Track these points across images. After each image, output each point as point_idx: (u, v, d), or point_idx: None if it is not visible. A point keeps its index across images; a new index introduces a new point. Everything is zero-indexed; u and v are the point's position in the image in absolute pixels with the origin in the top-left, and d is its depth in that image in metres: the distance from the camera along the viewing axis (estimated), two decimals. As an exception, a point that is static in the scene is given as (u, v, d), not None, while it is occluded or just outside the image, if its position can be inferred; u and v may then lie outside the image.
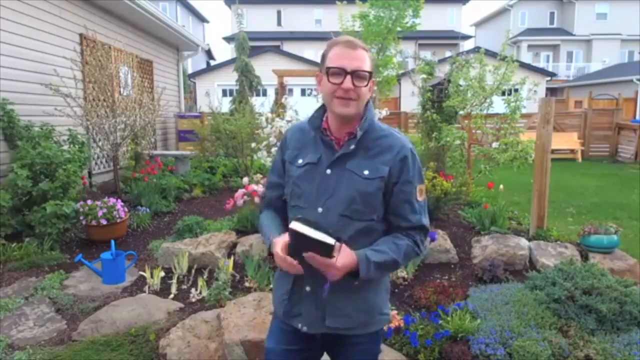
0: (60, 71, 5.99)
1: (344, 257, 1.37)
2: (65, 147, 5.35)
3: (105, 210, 4.73)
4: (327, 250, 1.31)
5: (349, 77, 1.42)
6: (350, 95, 1.43)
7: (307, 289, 1.52)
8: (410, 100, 12.00)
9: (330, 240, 1.29)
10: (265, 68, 14.33)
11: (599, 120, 14.66)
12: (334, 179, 1.48)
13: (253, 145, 6.32)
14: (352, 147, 1.49)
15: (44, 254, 4.37)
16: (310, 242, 1.30)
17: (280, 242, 1.41)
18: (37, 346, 2.93)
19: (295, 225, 1.31)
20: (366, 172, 1.47)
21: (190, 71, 23.86)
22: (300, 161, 1.53)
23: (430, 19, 26.78)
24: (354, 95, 1.44)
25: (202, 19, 35.48)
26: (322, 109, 1.57)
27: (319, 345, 1.64)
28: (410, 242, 1.51)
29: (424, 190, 1.57)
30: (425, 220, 1.56)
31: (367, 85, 1.46)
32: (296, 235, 1.32)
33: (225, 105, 13.14)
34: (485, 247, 4.18)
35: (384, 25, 11.08)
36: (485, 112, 5.92)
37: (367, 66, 1.45)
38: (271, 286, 3.55)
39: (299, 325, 1.55)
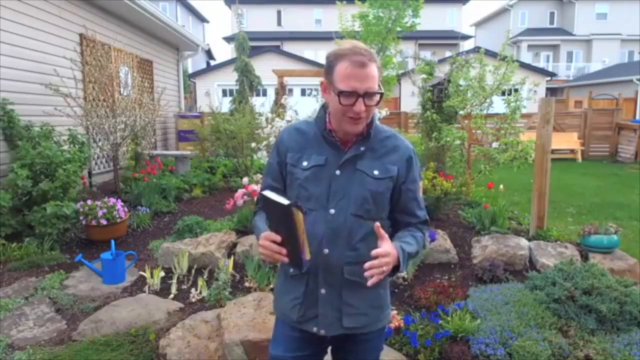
0: (60, 71, 6.00)
1: (388, 243, 1.38)
2: (65, 147, 5.35)
3: (105, 210, 4.73)
4: (287, 213, 1.30)
5: (360, 99, 1.40)
6: (361, 116, 1.43)
7: (322, 291, 1.51)
8: (410, 100, 12.01)
9: (285, 201, 1.31)
10: (265, 68, 14.31)
11: (599, 120, 14.65)
12: (344, 180, 1.49)
13: (253, 145, 6.32)
14: (362, 148, 1.50)
15: (44, 254, 4.37)
16: (274, 206, 1.32)
17: (266, 233, 1.40)
18: (37, 346, 2.93)
19: (265, 192, 1.37)
20: (376, 172, 1.50)
21: (190, 71, 23.86)
22: (305, 163, 1.51)
23: (430, 19, 26.77)
24: (365, 115, 1.44)
25: (202, 19, 35.48)
26: (324, 109, 1.57)
27: (326, 347, 1.65)
28: (423, 235, 1.59)
29: (421, 187, 1.66)
30: (426, 215, 1.65)
31: (377, 103, 1.44)
32: (264, 200, 1.36)
33: (225, 105, 13.16)
34: (485, 247, 4.18)
35: (383, 25, 11.07)
36: (485, 112, 5.92)
37: (377, 83, 1.43)
38: (271, 286, 3.56)
39: (315, 329, 1.53)
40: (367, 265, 1.32)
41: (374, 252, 1.33)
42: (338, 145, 1.51)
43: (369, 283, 1.33)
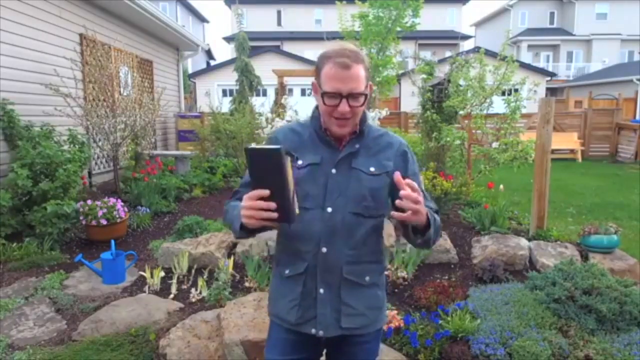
0: (60, 71, 6.00)
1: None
2: (66, 147, 5.35)
3: (105, 210, 4.73)
4: (278, 160, 1.21)
5: (344, 100, 1.40)
6: (346, 116, 1.43)
7: (321, 291, 1.49)
8: (410, 100, 12.00)
9: (274, 147, 1.21)
10: (265, 68, 14.32)
11: (599, 120, 14.66)
12: (340, 179, 1.48)
13: (253, 145, 6.31)
14: (357, 146, 1.50)
15: (44, 254, 4.37)
16: (263, 155, 1.23)
17: (249, 193, 1.28)
18: (37, 346, 2.93)
19: (250, 146, 1.26)
20: (372, 169, 1.50)
21: (190, 71, 23.86)
22: (300, 162, 1.50)
23: (430, 19, 26.79)
24: (350, 115, 1.43)
25: (202, 19, 35.48)
26: (318, 110, 1.56)
27: (321, 350, 1.64)
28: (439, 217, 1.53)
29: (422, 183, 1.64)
30: (436, 206, 1.59)
31: (363, 104, 1.44)
32: (250, 153, 1.23)
33: (225, 105, 13.16)
34: (485, 247, 4.18)
35: (383, 25, 11.07)
36: (485, 112, 5.92)
37: (362, 84, 1.42)
38: (269, 285, 3.56)
39: (313, 331, 1.51)
40: (402, 193, 1.25)
41: (403, 193, 1.25)
42: (333, 144, 1.50)
43: (397, 215, 1.27)
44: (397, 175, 1.29)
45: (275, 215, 1.26)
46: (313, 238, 1.46)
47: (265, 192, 1.24)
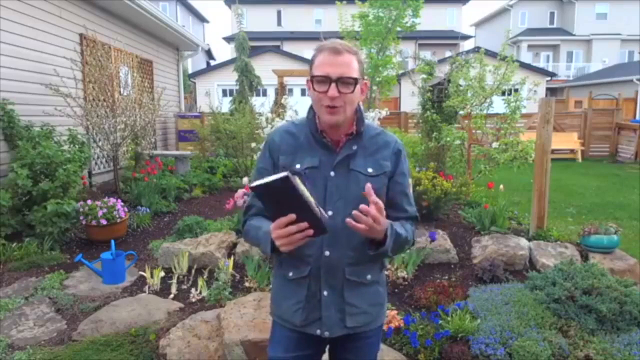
0: (60, 71, 6.00)
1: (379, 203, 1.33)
2: (66, 147, 5.35)
3: (105, 210, 4.73)
4: (286, 186, 1.20)
5: (333, 84, 1.39)
6: (336, 103, 1.41)
7: (325, 293, 1.50)
8: (410, 100, 12.00)
9: (280, 175, 1.21)
10: (265, 68, 14.31)
11: (599, 120, 14.65)
12: (339, 181, 1.47)
13: (253, 145, 6.32)
14: (355, 147, 1.49)
15: (44, 254, 4.37)
16: (272, 187, 1.22)
17: (275, 223, 1.31)
18: (37, 346, 2.93)
19: (254, 183, 1.24)
20: (370, 170, 1.49)
21: (190, 71, 23.86)
22: (298, 166, 1.49)
23: (430, 19, 26.78)
24: (340, 103, 1.41)
25: (202, 19, 35.48)
26: (313, 111, 1.55)
27: (325, 346, 1.65)
28: (412, 228, 1.57)
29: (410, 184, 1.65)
30: (416, 212, 1.63)
31: (353, 91, 1.43)
32: (259, 190, 1.23)
33: (225, 105, 13.17)
34: (485, 247, 4.18)
35: (383, 25, 11.09)
36: (485, 112, 5.93)
37: (353, 71, 1.42)
38: (271, 286, 3.56)
39: (318, 332, 1.52)
40: (362, 207, 1.29)
41: (363, 207, 1.30)
42: (330, 146, 1.49)
43: (348, 222, 1.31)
44: (369, 186, 1.33)
45: (311, 232, 1.28)
46: (315, 242, 1.45)
47: (292, 218, 1.26)
